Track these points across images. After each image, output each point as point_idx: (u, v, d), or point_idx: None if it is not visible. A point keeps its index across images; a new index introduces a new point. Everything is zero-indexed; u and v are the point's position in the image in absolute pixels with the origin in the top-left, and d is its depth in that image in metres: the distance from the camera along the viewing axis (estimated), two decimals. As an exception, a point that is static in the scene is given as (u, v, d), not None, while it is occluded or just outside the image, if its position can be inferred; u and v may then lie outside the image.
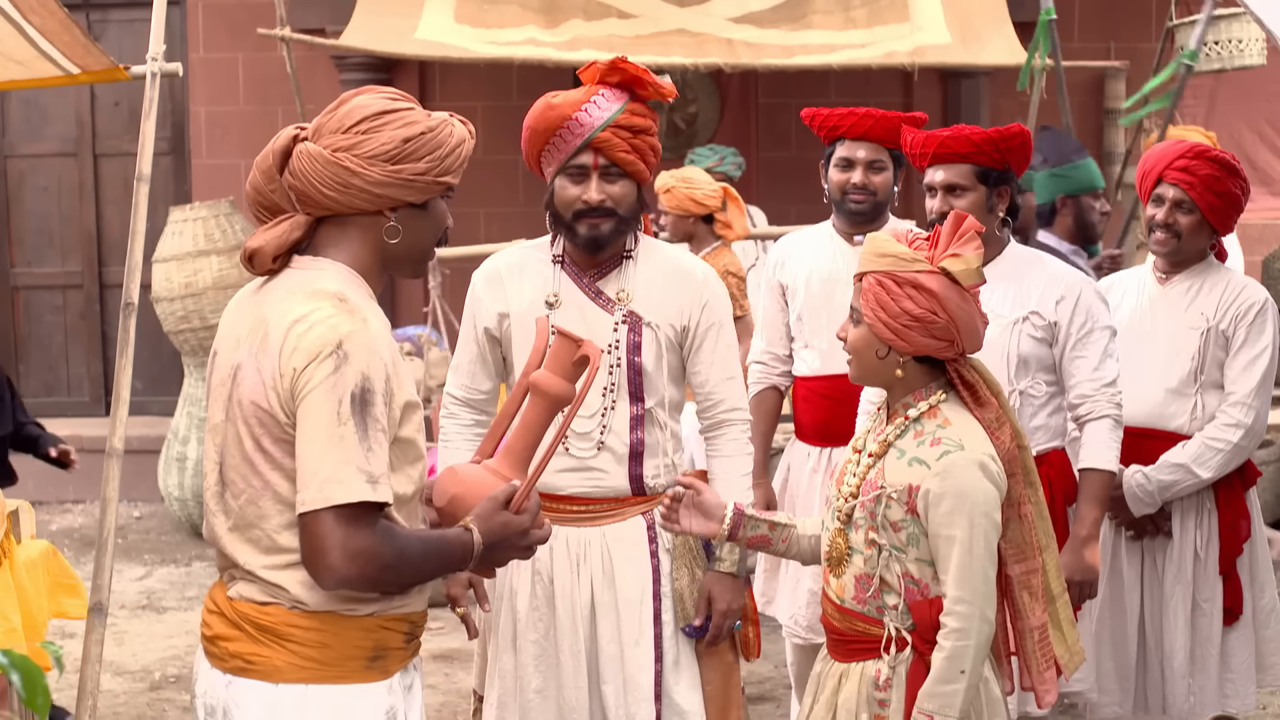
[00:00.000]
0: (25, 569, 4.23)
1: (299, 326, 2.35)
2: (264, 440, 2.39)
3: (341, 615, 2.43)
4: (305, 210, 2.48)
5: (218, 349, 2.54)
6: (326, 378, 2.31)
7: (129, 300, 4.24)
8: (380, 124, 2.43)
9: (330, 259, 2.48)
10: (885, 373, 2.95)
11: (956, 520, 2.83)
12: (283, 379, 2.35)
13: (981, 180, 3.81)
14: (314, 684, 2.42)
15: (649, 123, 3.28)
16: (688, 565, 3.35)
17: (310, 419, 2.32)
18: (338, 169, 2.41)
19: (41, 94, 9.14)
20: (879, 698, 2.91)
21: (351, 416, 2.32)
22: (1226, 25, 7.27)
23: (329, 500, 2.29)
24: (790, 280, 4.39)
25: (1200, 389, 4.04)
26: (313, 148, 2.44)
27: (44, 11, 4.02)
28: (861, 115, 4.27)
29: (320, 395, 2.31)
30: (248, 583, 2.47)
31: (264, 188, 2.50)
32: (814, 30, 7.74)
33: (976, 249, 2.90)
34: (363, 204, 2.45)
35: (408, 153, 2.43)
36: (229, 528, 2.47)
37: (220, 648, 2.49)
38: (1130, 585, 4.12)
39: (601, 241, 3.28)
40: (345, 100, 2.50)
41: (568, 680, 3.32)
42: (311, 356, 2.33)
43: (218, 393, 2.50)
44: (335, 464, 2.30)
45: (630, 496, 3.35)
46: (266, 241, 2.46)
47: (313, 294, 2.40)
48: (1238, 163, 4.13)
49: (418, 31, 7.58)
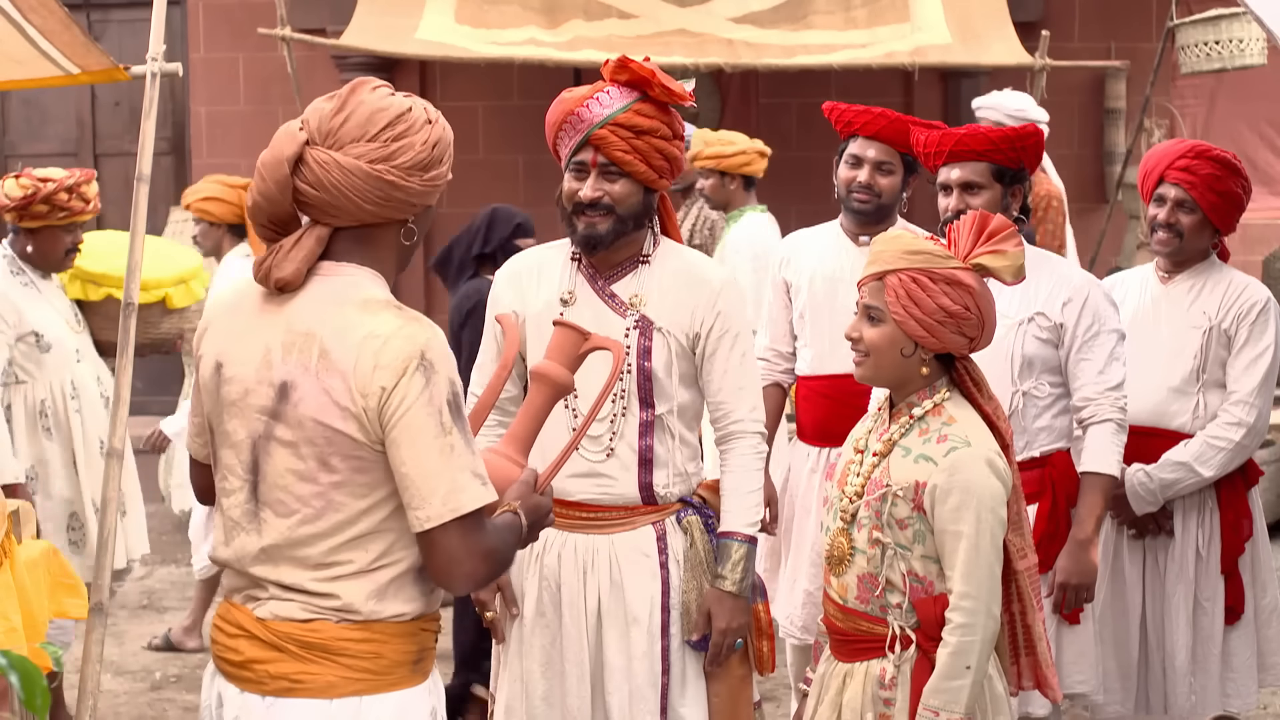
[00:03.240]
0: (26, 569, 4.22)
1: (373, 343, 2.31)
2: (332, 459, 2.34)
3: (390, 623, 2.40)
4: (325, 221, 2.40)
5: (223, 360, 2.45)
6: (422, 391, 2.29)
7: (129, 300, 4.24)
8: (404, 129, 2.38)
9: (354, 264, 2.43)
10: (908, 370, 2.94)
11: (963, 516, 2.83)
12: (365, 398, 2.30)
13: (997, 178, 3.81)
14: (368, 695, 2.39)
15: (657, 124, 3.21)
16: (697, 578, 3.31)
17: (415, 435, 2.29)
18: (379, 183, 2.36)
19: (42, 94, 9.14)
20: (884, 696, 2.91)
21: (454, 424, 2.32)
22: (1227, 25, 7.27)
23: (457, 511, 2.30)
24: (794, 278, 4.39)
25: (1202, 388, 4.04)
26: (345, 159, 2.35)
27: (44, 11, 4.02)
28: (876, 115, 4.25)
29: (420, 410, 2.29)
30: (282, 601, 2.41)
31: (278, 198, 2.38)
32: (815, 30, 7.73)
33: (1018, 244, 2.92)
34: (398, 214, 2.41)
35: (435, 159, 2.41)
36: (263, 547, 2.40)
37: (256, 671, 2.42)
38: (1132, 584, 4.12)
39: (596, 240, 3.24)
40: (346, 99, 2.41)
41: (572, 688, 3.30)
42: (399, 373, 2.29)
43: (237, 409, 2.42)
44: (453, 474, 2.30)
45: (640, 505, 3.31)
46: (297, 268, 2.37)
47: (365, 304, 2.36)
48: (1239, 162, 4.13)
49: (418, 31, 7.57)
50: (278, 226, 2.42)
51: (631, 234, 3.28)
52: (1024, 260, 2.94)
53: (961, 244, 2.94)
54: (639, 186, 3.24)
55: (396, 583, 2.40)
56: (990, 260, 2.90)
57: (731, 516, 3.30)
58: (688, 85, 3.27)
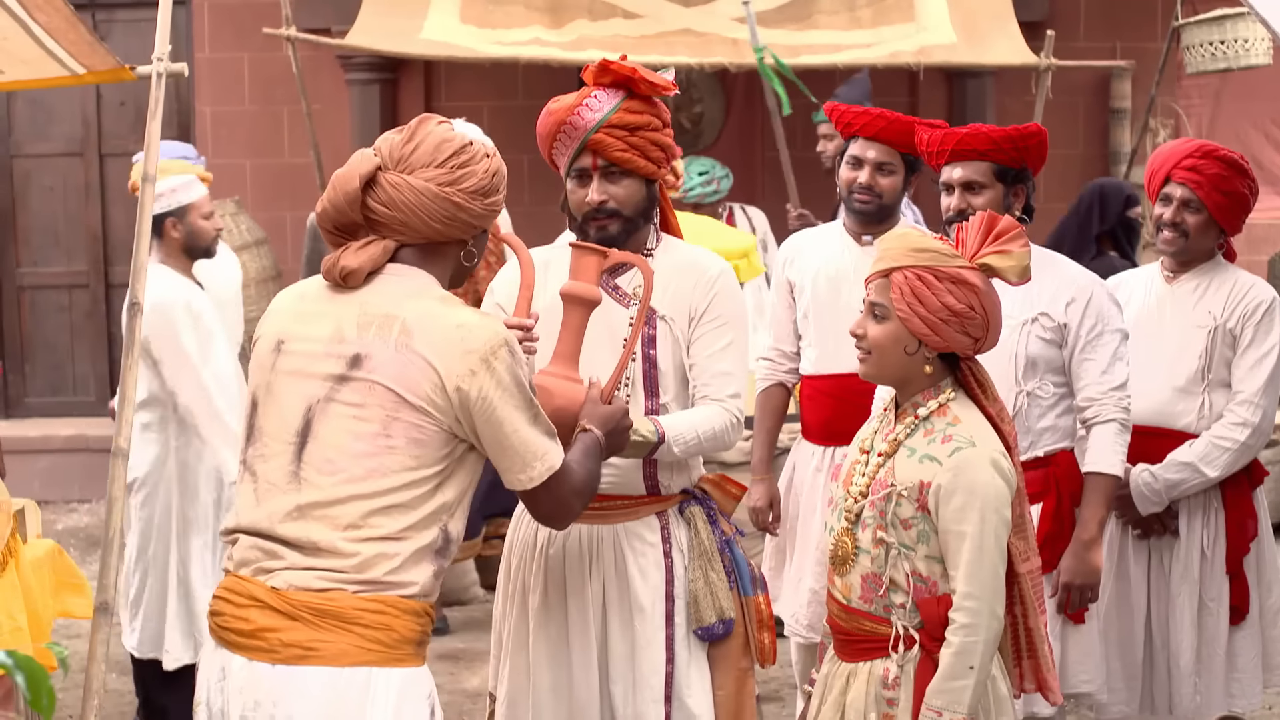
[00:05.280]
0: (31, 568, 4.22)
1: (459, 331, 2.59)
2: (394, 425, 2.56)
3: (401, 598, 2.57)
4: (393, 236, 2.67)
5: (285, 338, 2.68)
6: (509, 370, 2.60)
7: (134, 300, 4.24)
8: (467, 158, 2.68)
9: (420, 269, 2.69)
10: (912, 368, 2.95)
11: (968, 516, 2.83)
12: (453, 379, 2.57)
13: (999, 178, 3.82)
14: (378, 667, 2.53)
15: (648, 118, 3.25)
16: (702, 567, 3.32)
17: (511, 409, 2.61)
18: (446, 203, 2.65)
19: (47, 94, 9.14)
20: (887, 696, 2.91)
21: (533, 397, 2.67)
22: (1232, 25, 7.26)
23: (553, 468, 2.68)
24: (798, 278, 4.40)
25: (1207, 388, 4.04)
26: (417, 182, 2.64)
27: (50, 9, 4.02)
28: (875, 115, 4.27)
29: (512, 389, 2.61)
30: (298, 571, 2.55)
31: (345, 208, 2.66)
32: (819, 30, 7.73)
33: (1024, 245, 2.92)
34: (460, 233, 2.70)
35: (494, 186, 2.71)
36: (300, 504, 2.58)
37: (268, 639, 2.53)
38: (1137, 585, 4.12)
39: (610, 242, 3.27)
40: (415, 130, 2.69)
41: (579, 678, 3.31)
42: (489, 354, 2.58)
43: (295, 378, 2.64)
44: (544, 439, 2.67)
45: (645, 496, 3.33)
46: (362, 263, 2.64)
47: (444, 299, 2.66)
48: (1246, 162, 4.13)
49: (423, 31, 7.57)
50: (344, 233, 2.70)
51: (640, 230, 3.32)
52: (1029, 261, 2.95)
53: (969, 243, 2.94)
54: (641, 182, 3.27)
55: (413, 558, 2.58)
56: (996, 260, 2.91)
57: (668, 419, 3.24)
58: (667, 75, 3.31)
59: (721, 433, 3.29)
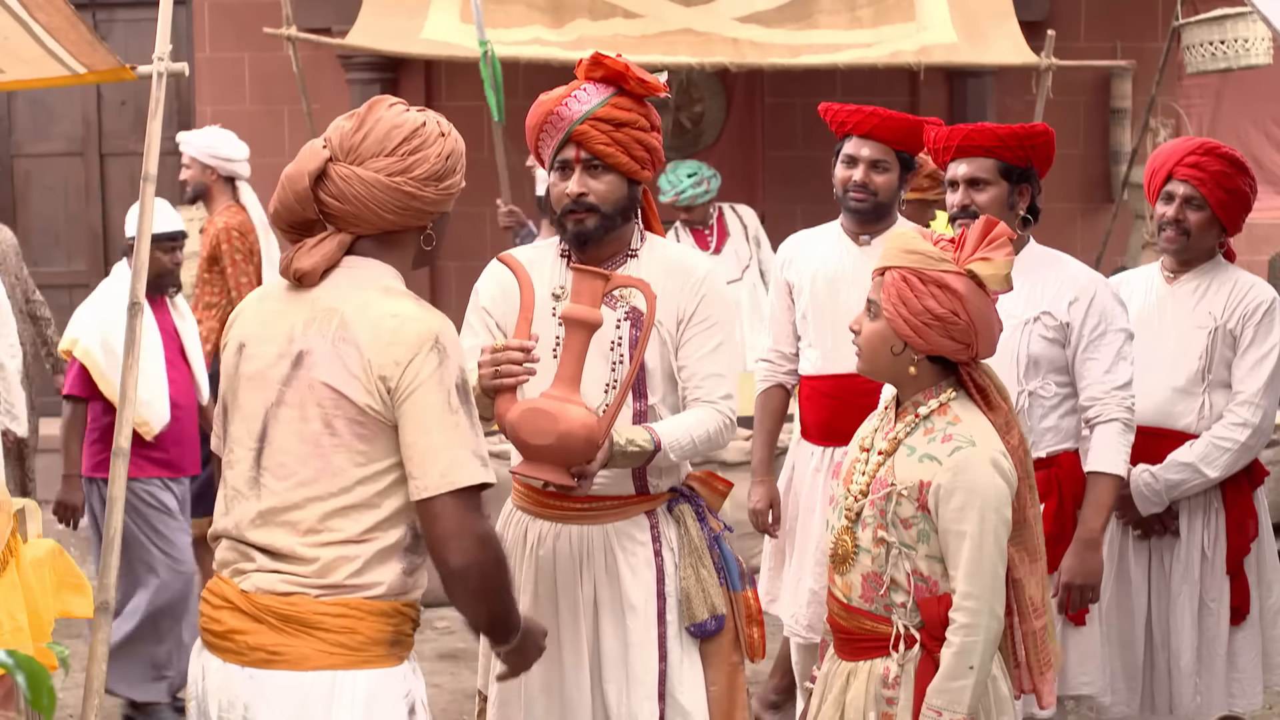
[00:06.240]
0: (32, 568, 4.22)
1: (391, 321, 2.50)
2: (336, 421, 2.50)
3: (366, 600, 2.52)
4: (348, 229, 2.60)
5: (246, 341, 2.63)
6: (435, 370, 2.48)
7: (135, 300, 4.24)
8: (419, 143, 2.58)
9: (376, 260, 2.62)
10: (898, 369, 2.95)
11: (967, 515, 2.83)
12: (378, 368, 2.47)
13: (1004, 176, 3.82)
14: (343, 670, 2.50)
15: (635, 116, 3.25)
16: (693, 564, 3.33)
17: (423, 409, 2.47)
18: (398, 194, 2.57)
19: (48, 93, 9.14)
20: (887, 696, 2.91)
21: (461, 405, 2.50)
22: (1233, 24, 7.26)
23: (453, 484, 2.47)
24: (796, 278, 4.39)
25: (1208, 388, 4.04)
26: (365, 173, 2.55)
27: (50, 9, 4.02)
28: (868, 114, 4.27)
29: (431, 386, 2.47)
30: (266, 574, 2.53)
31: (297, 207, 2.60)
32: (820, 30, 7.73)
33: (1007, 255, 2.91)
34: (417, 222, 2.62)
35: (449, 169, 2.62)
36: (261, 510, 2.54)
37: (236, 642, 2.54)
38: (1138, 585, 4.11)
39: (586, 237, 3.27)
40: (364, 117, 2.60)
41: (570, 678, 3.32)
42: (415, 350, 2.48)
43: (254, 382, 2.59)
44: (455, 450, 2.47)
45: (634, 495, 3.34)
46: (316, 263, 2.58)
47: (387, 290, 2.56)
48: (1246, 161, 4.13)
49: (424, 31, 7.57)
50: (299, 230, 2.64)
51: (619, 228, 3.31)
52: (1010, 270, 2.93)
53: (965, 248, 2.93)
54: (622, 180, 3.27)
55: (377, 558, 2.53)
56: (979, 267, 2.90)
57: (662, 426, 3.23)
58: (660, 77, 3.31)
59: (716, 435, 3.30)
